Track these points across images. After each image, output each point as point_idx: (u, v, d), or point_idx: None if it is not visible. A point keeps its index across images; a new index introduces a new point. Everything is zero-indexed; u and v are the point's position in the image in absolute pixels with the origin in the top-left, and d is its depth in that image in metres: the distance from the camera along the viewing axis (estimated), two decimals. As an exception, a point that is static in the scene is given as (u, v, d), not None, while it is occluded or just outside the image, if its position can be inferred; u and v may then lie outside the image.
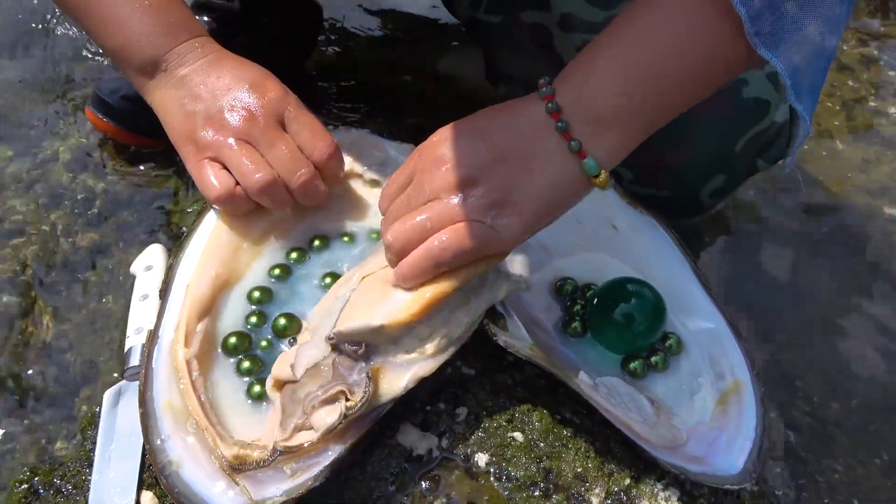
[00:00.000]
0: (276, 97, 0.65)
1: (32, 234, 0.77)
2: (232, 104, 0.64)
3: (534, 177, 0.53)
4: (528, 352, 0.60)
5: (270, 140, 0.63)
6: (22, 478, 0.59)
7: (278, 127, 0.64)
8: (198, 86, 0.65)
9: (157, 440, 0.55)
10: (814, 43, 0.49)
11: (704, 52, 0.50)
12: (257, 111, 0.64)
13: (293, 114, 0.65)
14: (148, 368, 0.59)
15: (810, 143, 1.04)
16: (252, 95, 0.64)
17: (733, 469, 0.60)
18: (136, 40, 0.65)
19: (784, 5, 0.47)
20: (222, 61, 0.66)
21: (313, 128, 0.65)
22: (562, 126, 0.52)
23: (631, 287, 0.68)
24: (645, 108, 0.52)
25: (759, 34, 0.48)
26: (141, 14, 0.65)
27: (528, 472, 0.59)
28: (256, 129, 0.63)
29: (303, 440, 0.53)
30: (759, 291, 0.83)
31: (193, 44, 0.66)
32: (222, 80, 0.65)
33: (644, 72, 0.51)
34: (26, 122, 0.89)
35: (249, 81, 0.65)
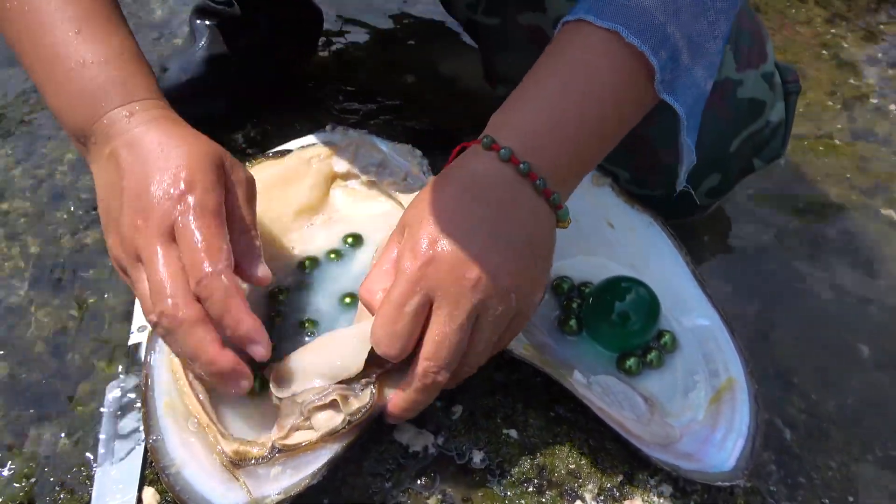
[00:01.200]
0: (177, 192, 0.52)
1: (36, 233, 0.78)
2: (131, 213, 0.53)
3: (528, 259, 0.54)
4: (522, 352, 0.61)
5: (149, 258, 0.52)
6: (27, 473, 0.61)
7: (163, 241, 0.52)
8: (118, 169, 0.55)
9: (159, 439, 0.56)
10: (699, 87, 0.56)
11: (617, 95, 0.55)
12: (146, 224, 0.52)
13: (180, 225, 0.52)
14: (149, 368, 0.60)
15: (811, 142, 1.04)
16: (158, 191, 0.52)
17: (725, 466, 0.60)
18: (66, 105, 0.58)
19: (680, 57, 0.54)
20: (148, 137, 0.55)
21: (193, 247, 0.51)
22: (541, 184, 0.54)
23: (626, 285, 0.68)
24: (582, 157, 0.57)
25: (663, 82, 0.54)
26: (74, 74, 0.57)
27: (523, 469, 0.59)
28: (142, 241, 0.52)
29: (301, 439, 0.54)
30: (755, 289, 0.84)
31: (121, 114, 0.56)
32: (136, 171, 0.54)
33: (562, 117, 0.55)
34: (30, 122, 0.90)
35: (162, 175, 0.53)
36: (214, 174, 0.54)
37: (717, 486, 0.60)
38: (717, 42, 0.56)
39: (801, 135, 1.04)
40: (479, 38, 0.88)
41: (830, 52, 1.20)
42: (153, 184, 0.52)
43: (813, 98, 1.11)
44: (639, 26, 0.52)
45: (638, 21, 0.52)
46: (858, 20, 1.26)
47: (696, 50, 0.55)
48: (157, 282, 0.50)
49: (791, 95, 0.80)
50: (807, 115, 1.07)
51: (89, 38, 0.57)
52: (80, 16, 0.58)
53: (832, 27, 1.25)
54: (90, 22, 0.58)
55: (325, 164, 0.75)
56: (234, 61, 0.91)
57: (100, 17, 0.59)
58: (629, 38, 0.52)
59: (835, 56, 1.19)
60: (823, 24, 1.25)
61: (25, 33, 0.58)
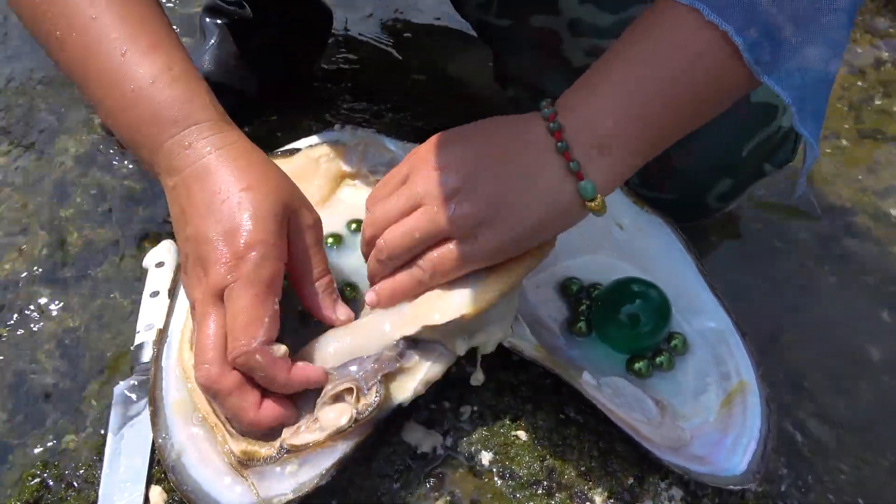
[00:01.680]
0: (233, 255, 0.52)
1: (43, 230, 0.78)
2: (193, 260, 0.54)
3: (527, 195, 0.52)
4: (533, 353, 0.60)
5: (200, 317, 0.53)
6: (34, 471, 0.60)
7: (215, 301, 0.52)
8: (181, 210, 0.55)
9: (167, 437, 0.56)
10: (816, 69, 0.49)
11: (705, 78, 0.50)
12: (204, 280, 0.53)
13: (232, 291, 0.52)
14: (157, 367, 0.59)
15: (819, 145, 1.03)
16: (218, 248, 0.52)
17: (737, 469, 0.60)
18: (127, 133, 0.57)
19: (782, 32, 0.47)
20: (210, 175, 0.54)
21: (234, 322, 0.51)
22: (562, 146, 0.51)
23: (636, 287, 0.68)
24: (645, 135, 0.51)
25: (759, 62, 0.48)
26: (126, 103, 0.55)
27: (532, 471, 0.59)
28: (198, 296, 0.53)
29: (309, 439, 0.54)
30: (766, 292, 0.83)
31: (182, 143, 0.55)
32: (199, 215, 0.53)
33: (645, 99, 0.50)
34: (38, 118, 0.90)
35: (221, 226, 0.52)
36: (276, 231, 0.53)
37: (729, 490, 0.60)
38: (838, 15, 0.48)
39: (811, 137, 1.04)
40: (489, 39, 0.88)
41: (839, 54, 1.19)
42: (212, 242, 0.52)
43: (822, 100, 1.10)
44: (722, 2, 0.47)
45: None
46: (865, 22, 1.26)
47: (805, 25, 0.47)
48: (201, 345, 0.52)
49: None
50: (816, 118, 1.07)
51: (136, 61, 0.55)
52: (125, 35, 0.55)
53: (841, 30, 1.24)
54: (136, 41, 0.55)
55: (334, 163, 0.74)
56: (244, 60, 0.90)
57: (146, 34, 0.56)
58: (709, 17, 0.47)
59: (845, 61, 1.19)
60: (832, 27, 1.24)
61: (77, 63, 0.57)
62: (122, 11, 0.56)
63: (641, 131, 0.51)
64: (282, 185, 0.56)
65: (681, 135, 0.53)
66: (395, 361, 0.56)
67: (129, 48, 0.55)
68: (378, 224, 0.56)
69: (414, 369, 0.57)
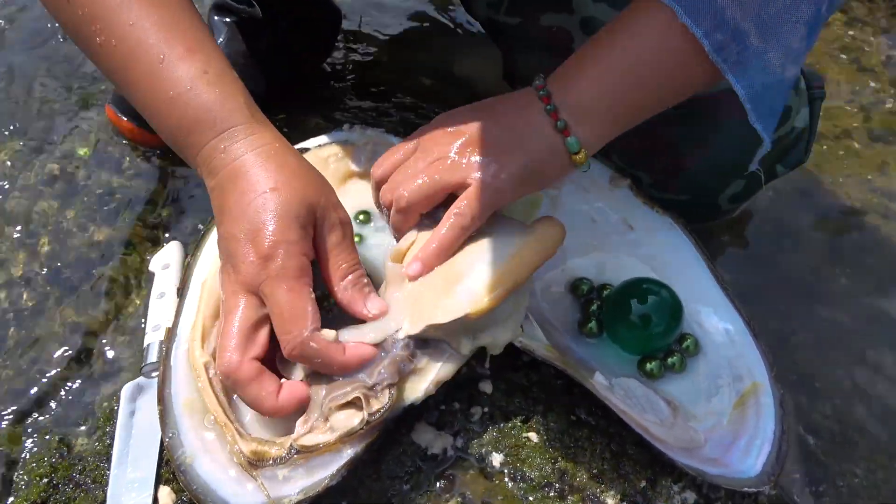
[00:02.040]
0: (258, 255, 0.53)
1: (50, 230, 0.77)
2: (225, 257, 0.56)
3: (527, 141, 0.58)
4: (544, 352, 0.60)
5: (227, 309, 0.55)
6: (43, 472, 0.60)
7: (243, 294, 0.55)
8: (218, 209, 0.57)
9: (176, 437, 0.55)
10: (774, 73, 0.56)
11: (673, 65, 0.58)
12: (233, 276, 0.55)
13: (266, 291, 0.54)
14: (166, 366, 0.59)
15: (829, 145, 1.03)
16: (244, 248, 0.54)
17: (751, 472, 0.59)
18: (170, 136, 0.59)
19: (747, 38, 0.54)
20: (241, 177, 0.56)
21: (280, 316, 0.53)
22: (551, 108, 0.58)
23: (647, 287, 0.67)
24: (619, 109, 0.60)
25: (727, 61, 0.55)
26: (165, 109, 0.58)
27: (543, 473, 0.58)
28: (227, 290, 0.56)
29: (320, 440, 0.53)
30: (777, 293, 0.83)
31: (218, 147, 0.57)
32: (231, 215, 0.55)
33: (617, 77, 0.58)
34: (47, 118, 0.90)
35: (248, 225, 0.54)
36: (299, 230, 0.54)
37: (743, 493, 0.59)
38: (797, 27, 0.55)
39: (821, 138, 1.03)
40: (498, 37, 0.87)
41: (849, 55, 1.19)
42: (240, 241, 0.54)
43: (832, 101, 1.10)
44: (694, 7, 0.54)
45: (695, 1, 0.53)
46: (878, 24, 1.25)
47: (768, 32, 0.55)
48: (226, 334, 0.54)
49: (816, 101, 0.79)
50: (826, 118, 1.06)
51: (173, 66, 0.57)
52: (161, 40, 0.57)
53: (851, 30, 1.24)
54: (173, 46, 0.57)
55: (343, 163, 0.74)
56: (252, 59, 0.90)
57: (182, 38, 0.58)
58: (682, 19, 0.54)
59: (854, 60, 1.18)
60: (843, 28, 1.24)
61: (118, 70, 0.58)
62: (158, 17, 0.57)
63: (618, 104, 0.59)
64: (309, 184, 0.57)
65: (649, 114, 0.61)
66: (409, 362, 0.55)
67: (166, 54, 0.57)
68: (397, 184, 0.60)
69: (425, 370, 0.56)
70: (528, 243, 0.58)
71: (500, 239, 0.59)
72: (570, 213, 0.73)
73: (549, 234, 0.60)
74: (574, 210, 0.74)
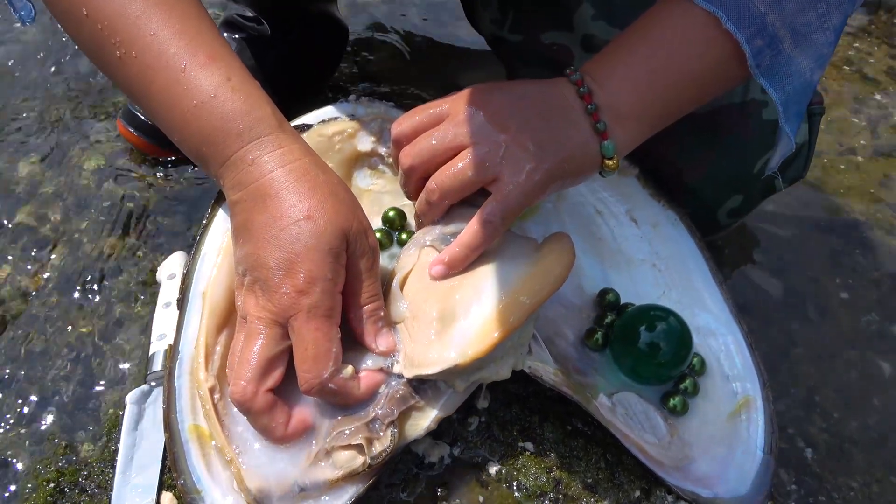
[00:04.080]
0: (293, 288, 0.53)
1: (60, 240, 0.79)
2: (252, 278, 0.55)
3: (559, 144, 0.57)
4: (552, 378, 0.58)
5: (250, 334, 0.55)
6: (49, 477, 0.61)
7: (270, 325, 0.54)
8: (243, 227, 0.56)
9: (185, 469, 0.55)
10: (804, 77, 0.57)
11: (709, 67, 0.57)
12: (262, 302, 0.54)
13: (296, 324, 0.54)
14: (170, 386, 0.58)
15: (833, 158, 1.03)
16: (277, 278, 0.53)
17: (742, 490, 0.59)
18: (192, 147, 0.58)
19: (782, 44, 0.55)
20: (271, 198, 0.55)
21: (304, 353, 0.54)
22: (592, 108, 0.57)
23: (655, 315, 0.65)
24: (655, 110, 0.59)
25: (760, 66, 0.55)
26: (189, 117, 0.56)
27: (538, 482, 0.59)
28: (252, 315, 0.55)
29: (322, 477, 0.54)
30: (777, 306, 0.83)
31: (245, 158, 0.56)
32: (258, 236, 0.54)
33: (657, 78, 0.58)
34: (58, 130, 0.92)
35: (281, 254, 0.53)
36: (334, 266, 0.54)
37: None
38: (828, 34, 0.56)
39: (824, 151, 1.03)
40: (503, 53, 0.89)
41: (853, 67, 1.19)
42: (271, 270, 0.53)
43: (836, 114, 1.10)
44: (738, 14, 0.54)
45: (738, 8, 0.54)
46: (882, 36, 1.25)
47: (800, 40, 0.55)
48: (244, 361, 0.54)
49: (815, 117, 0.79)
50: (829, 131, 1.06)
51: (195, 74, 0.56)
52: (183, 49, 0.56)
53: (856, 41, 1.24)
54: (195, 55, 0.56)
55: (349, 143, 0.71)
56: (260, 76, 0.92)
57: (203, 46, 0.57)
58: (727, 25, 0.54)
59: (858, 71, 1.18)
60: (847, 38, 1.24)
61: (139, 82, 0.57)
62: (179, 27, 0.56)
63: (653, 107, 0.59)
64: (341, 209, 0.56)
65: (680, 115, 0.61)
66: (410, 398, 0.55)
67: (188, 62, 0.56)
68: (421, 156, 0.58)
69: (426, 407, 0.56)
70: (532, 277, 0.56)
71: (503, 266, 0.57)
72: (574, 203, 0.73)
73: (557, 264, 0.57)
74: (578, 201, 0.73)
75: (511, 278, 0.56)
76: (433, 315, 0.56)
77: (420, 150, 0.58)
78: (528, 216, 0.71)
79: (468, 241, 0.57)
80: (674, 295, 0.70)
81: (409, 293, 0.59)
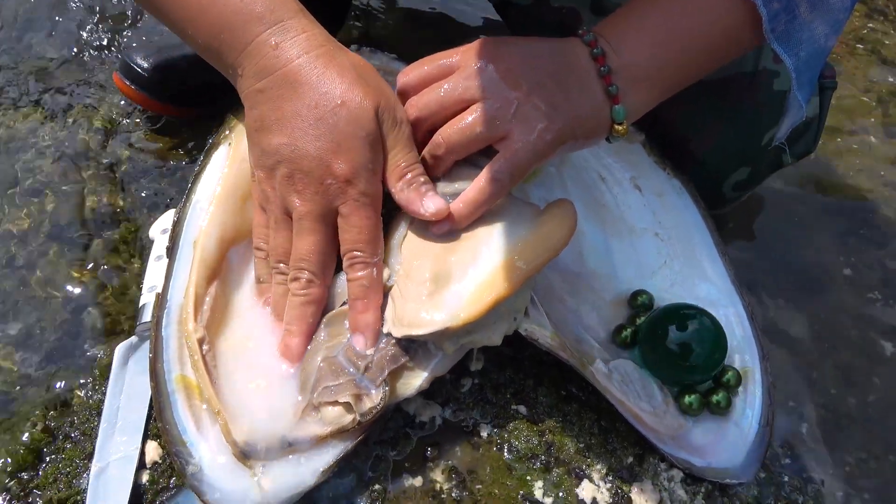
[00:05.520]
0: (340, 178, 0.53)
1: (57, 193, 0.78)
2: (289, 170, 0.54)
3: (571, 105, 0.55)
4: (549, 342, 0.57)
5: (302, 229, 0.55)
6: (34, 422, 0.61)
7: (321, 216, 0.55)
8: (269, 115, 0.54)
9: (170, 420, 0.54)
10: (818, 43, 0.56)
11: (723, 32, 0.57)
12: (308, 194, 0.54)
13: (345, 211, 0.54)
14: (157, 336, 0.57)
15: (844, 137, 1.01)
16: (313, 167, 0.53)
17: (736, 461, 0.59)
18: (208, 38, 0.56)
19: (798, 9, 0.54)
20: (301, 85, 0.53)
21: (358, 236, 0.55)
22: (605, 70, 0.56)
23: (686, 314, 0.61)
24: (667, 74, 0.58)
25: (774, 31, 0.54)
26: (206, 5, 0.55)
27: (530, 445, 0.58)
28: (301, 209, 0.54)
29: (310, 433, 0.53)
30: (780, 282, 0.82)
31: (268, 42, 0.54)
32: (293, 126, 0.53)
33: (670, 42, 0.57)
34: (59, 86, 0.91)
35: (322, 143, 0.53)
36: (373, 152, 0.54)
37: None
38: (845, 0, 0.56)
39: (834, 129, 1.02)
40: (510, 18, 0.87)
41: (867, 46, 1.17)
42: (315, 160, 0.53)
43: (848, 92, 1.08)
44: None
45: None
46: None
47: (817, 3, 0.55)
48: (306, 251, 0.55)
49: (826, 91, 0.78)
50: (840, 109, 1.05)
51: None
52: None
53: (870, 22, 1.22)
54: None
55: None
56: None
57: None
58: None
59: (872, 51, 1.16)
60: (861, 19, 1.22)
61: None
62: None
63: (666, 72, 0.57)
64: (369, 89, 0.55)
65: (691, 81, 0.60)
66: (401, 357, 0.54)
67: None
68: (429, 108, 0.57)
69: (417, 367, 0.55)
70: (531, 242, 0.55)
71: (503, 230, 0.56)
72: (578, 168, 0.71)
73: (558, 231, 0.56)
74: (582, 166, 0.71)
75: (509, 243, 0.55)
76: (427, 275, 0.55)
77: (427, 101, 0.57)
78: (530, 179, 0.70)
79: (474, 198, 0.56)
80: (676, 265, 0.69)
81: (404, 251, 0.58)
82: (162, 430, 0.54)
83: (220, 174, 0.63)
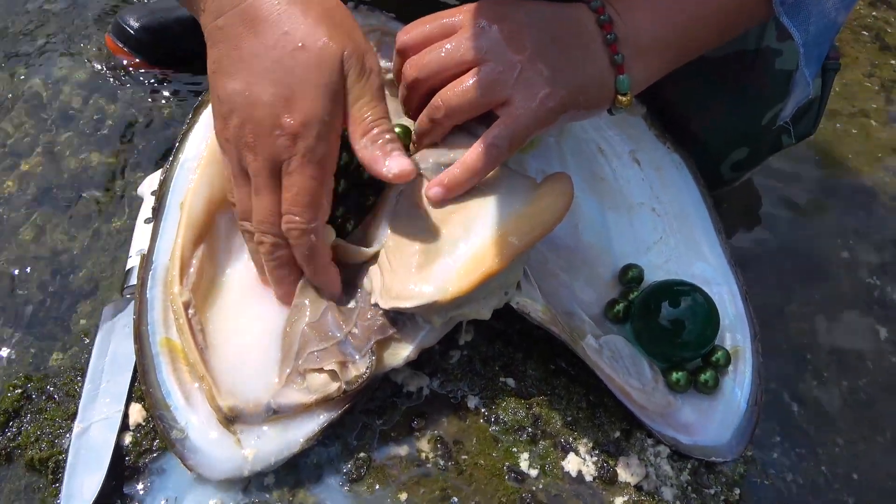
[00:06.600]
0: (287, 130, 0.49)
1: (42, 151, 0.77)
2: (240, 120, 0.50)
3: (575, 72, 0.54)
4: (540, 316, 0.56)
5: (259, 186, 0.52)
6: (16, 382, 0.60)
7: (274, 173, 0.51)
8: (226, 55, 0.50)
9: (154, 383, 0.53)
10: (828, 17, 0.55)
11: (731, 7, 0.56)
12: (259, 148, 0.50)
13: (288, 168, 0.50)
14: (142, 297, 0.56)
15: (844, 122, 1.01)
16: (264, 116, 0.49)
17: (722, 439, 0.59)
18: None
19: None
20: (260, 23, 0.49)
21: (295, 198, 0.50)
22: (612, 38, 0.54)
23: (679, 290, 0.61)
24: (675, 46, 0.56)
25: (784, 3, 0.53)
26: None
27: (517, 417, 0.58)
28: (252, 164, 0.51)
29: (295, 400, 0.52)
30: (776, 263, 0.81)
31: None
32: (250, 68, 0.49)
33: (680, 12, 0.55)
34: (46, 44, 0.89)
35: (277, 89, 0.49)
36: (331, 104, 0.50)
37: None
38: None
39: (835, 113, 1.01)
40: None
41: (871, 33, 1.16)
42: (266, 108, 0.49)
43: (850, 77, 1.07)
44: None
45: None
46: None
47: None
48: (265, 212, 0.51)
49: (829, 72, 0.77)
50: (842, 94, 1.04)
51: None
52: None
53: (874, 10, 1.21)
54: None
55: None
56: None
57: None
58: None
59: (876, 38, 1.15)
60: (866, 7, 1.21)
61: None
62: None
63: (673, 42, 0.56)
64: (335, 31, 0.50)
65: (697, 53, 0.58)
66: (389, 328, 0.53)
67: None
68: (429, 68, 0.54)
69: (405, 339, 0.54)
70: (525, 216, 0.53)
71: (497, 203, 0.54)
72: (578, 140, 0.70)
73: (553, 206, 0.54)
74: (582, 137, 0.70)
75: (503, 217, 0.53)
76: (416, 247, 0.53)
77: (427, 62, 0.54)
78: (527, 149, 0.69)
79: (471, 164, 0.54)
80: (671, 241, 0.69)
81: (395, 221, 0.57)
82: (145, 392, 0.53)
83: (208, 133, 0.61)
